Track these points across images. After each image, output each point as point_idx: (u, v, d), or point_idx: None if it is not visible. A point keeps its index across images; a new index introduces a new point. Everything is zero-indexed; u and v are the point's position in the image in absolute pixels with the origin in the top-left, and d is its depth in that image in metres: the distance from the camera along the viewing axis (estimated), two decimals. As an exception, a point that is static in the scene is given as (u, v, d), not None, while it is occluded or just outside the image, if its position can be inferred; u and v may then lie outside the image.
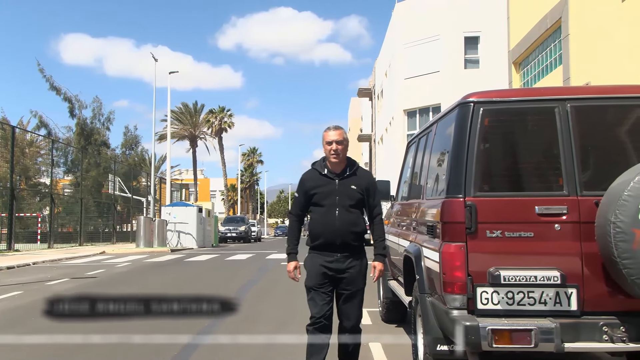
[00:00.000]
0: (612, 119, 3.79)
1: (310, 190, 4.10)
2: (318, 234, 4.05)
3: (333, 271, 4.04)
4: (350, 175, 4.12)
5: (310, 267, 4.11)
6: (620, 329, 3.31)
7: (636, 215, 3.10)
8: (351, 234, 4.02)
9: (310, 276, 4.10)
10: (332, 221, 3.99)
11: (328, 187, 4.06)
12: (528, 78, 13.72)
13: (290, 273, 4.21)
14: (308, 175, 4.20)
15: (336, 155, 4.05)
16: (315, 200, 4.07)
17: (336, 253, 4.02)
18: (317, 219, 4.05)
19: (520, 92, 5.02)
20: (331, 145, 4.06)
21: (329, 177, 4.10)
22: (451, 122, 4.02)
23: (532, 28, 12.57)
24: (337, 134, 4.08)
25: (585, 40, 9.86)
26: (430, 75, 25.93)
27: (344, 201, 4.02)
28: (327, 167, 4.12)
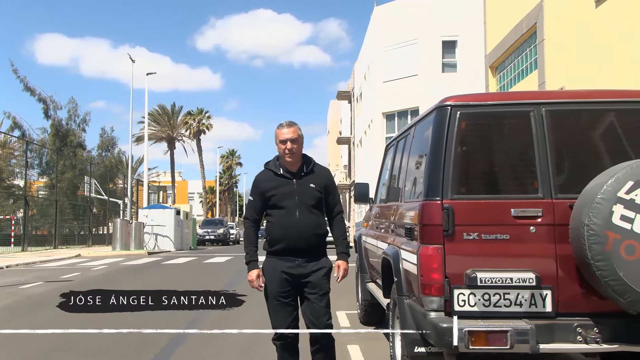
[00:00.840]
0: (585, 123, 3.86)
1: (266, 192, 3.84)
2: (278, 238, 3.78)
3: (295, 277, 3.79)
4: (307, 173, 3.88)
5: (270, 274, 3.84)
6: (594, 330, 3.36)
7: (609, 218, 3.16)
8: (314, 237, 3.80)
9: (270, 284, 3.83)
10: (293, 224, 3.75)
11: (286, 187, 3.81)
12: (504, 82, 13.90)
13: (252, 283, 3.88)
14: (262, 176, 3.93)
15: (291, 154, 3.80)
16: (273, 202, 3.81)
17: (297, 258, 3.78)
18: (277, 222, 3.80)
19: (497, 96, 5.09)
20: (285, 145, 3.79)
21: (285, 177, 3.85)
22: (429, 126, 4.05)
23: (508, 33, 12.75)
24: (291, 132, 3.80)
25: (560, 46, 10.03)
26: (409, 78, 26.12)
27: (304, 201, 3.79)
28: (283, 167, 3.87)
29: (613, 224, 3.15)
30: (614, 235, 3.14)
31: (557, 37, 10.18)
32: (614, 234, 3.14)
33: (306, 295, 3.81)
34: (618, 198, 3.16)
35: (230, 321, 6.87)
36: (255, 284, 3.88)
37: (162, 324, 5.73)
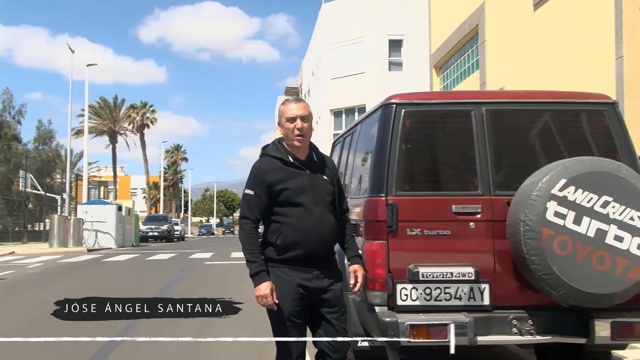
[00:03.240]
0: (523, 122, 3.99)
1: (276, 185, 3.07)
2: (293, 242, 3.04)
3: (313, 292, 3.08)
4: (318, 162, 3.22)
5: (282, 288, 3.05)
6: (528, 322, 3.50)
7: (543, 214, 3.28)
8: (334, 241, 3.19)
9: (283, 301, 3.04)
10: (313, 225, 3.05)
11: (299, 179, 3.09)
12: (448, 81, 14.24)
13: (266, 299, 3.00)
14: (266, 165, 3.14)
15: (302, 135, 3.11)
16: (285, 198, 3.06)
17: (315, 268, 3.08)
18: (292, 222, 3.05)
19: (440, 95, 5.20)
20: (294, 123, 3.10)
21: (297, 166, 3.13)
22: (374, 123, 4.10)
23: (452, 34, 13.06)
24: (301, 107, 3.13)
25: (500, 47, 10.36)
26: (356, 76, 26.35)
27: (322, 197, 3.11)
28: (290, 153, 3.17)
29: (547, 220, 3.28)
30: (548, 231, 3.27)
31: (497, 39, 10.50)
32: (548, 229, 3.27)
33: (324, 315, 3.13)
34: (552, 195, 3.29)
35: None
36: (270, 301, 3.00)
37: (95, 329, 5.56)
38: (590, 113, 3.92)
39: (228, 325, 6.65)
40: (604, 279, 3.24)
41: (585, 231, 3.26)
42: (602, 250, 3.24)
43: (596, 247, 3.25)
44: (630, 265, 3.24)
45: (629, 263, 3.24)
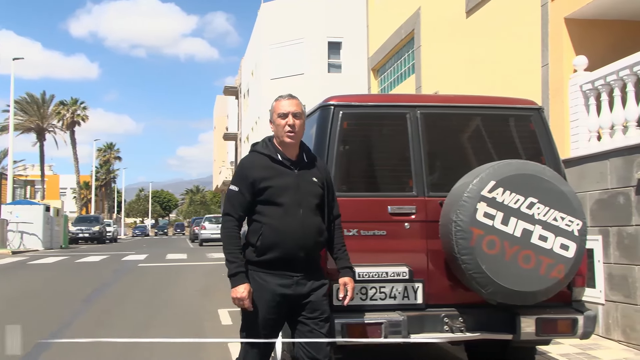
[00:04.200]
0: (455, 126, 4.11)
1: (259, 182, 2.98)
2: (272, 244, 2.93)
3: (291, 299, 2.97)
4: (308, 163, 3.11)
5: (258, 293, 2.95)
6: (459, 320, 3.61)
7: (474, 215, 3.40)
8: (317, 246, 3.05)
9: (258, 308, 2.95)
10: (293, 227, 2.94)
11: (285, 178, 3.00)
12: (385, 84, 14.50)
13: (243, 302, 2.90)
14: (253, 160, 3.07)
15: (293, 133, 3.02)
16: (267, 197, 2.96)
17: (296, 273, 2.97)
18: (271, 223, 2.94)
19: (377, 97, 5.29)
20: (286, 119, 3.02)
21: (285, 164, 3.04)
22: (312, 124, 4.12)
23: (389, 37, 13.30)
24: (294, 104, 3.05)
25: (435, 52, 10.65)
26: (296, 77, 26.37)
27: (307, 199, 3.01)
28: (280, 151, 3.09)
29: (477, 221, 3.39)
30: (478, 231, 3.38)
31: (432, 44, 10.79)
32: (478, 229, 3.38)
33: (302, 320, 3.00)
34: (482, 196, 3.41)
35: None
36: (248, 304, 2.91)
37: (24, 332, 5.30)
38: (517, 118, 4.09)
39: (164, 327, 6.51)
40: (529, 277, 3.39)
41: (513, 231, 3.40)
42: (527, 250, 3.39)
43: (522, 246, 3.39)
44: (554, 264, 3.40)
45: (552, 262, 3.40)
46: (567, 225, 3.43)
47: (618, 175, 5.56)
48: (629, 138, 5.56)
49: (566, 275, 3.43)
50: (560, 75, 6.69)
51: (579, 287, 3.77)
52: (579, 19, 6.66)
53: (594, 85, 6.08)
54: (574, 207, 3.46)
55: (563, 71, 6.64)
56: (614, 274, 5.62)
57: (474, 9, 9.02)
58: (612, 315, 5.62)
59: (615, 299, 5.58)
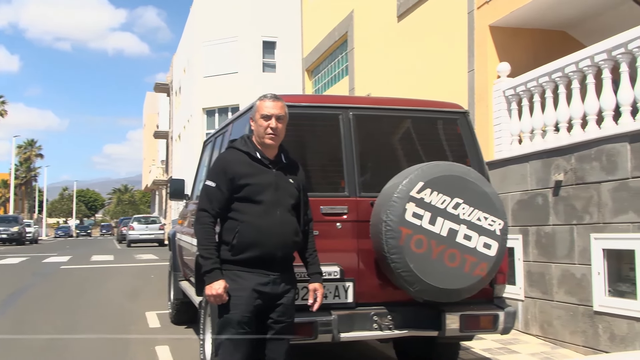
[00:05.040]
0: (387, 128, 4.20)
1: (238, 179, 2.96)
2: (250, 242, 2.92)
3: (267, 298, 2.96)
4: (286, 164, 3.13)
5: (237, 292, 2.92)
6: (388, 318, 3.68)
7: (403, 215, 3.48)
8: (293, 246, 3.07)
9: (235, 306, 2.91)
10: (272, 226, 2.94)
11: (264, 177, 2.99)
12: (319, 85, 14.60)
13: (221, 298, 2.89)
14: (233, 156, 3.06)
15: (275, 135, 3.04)
16: (246, 194, 2.95)
17: (273, 272, 2.97)
18: (250, 221, 2.93)
19: (310, 98, 5.32)
20: (269, 121, 3.03)
21: (264, 163, 3.05)
22: (246, 123, 4.08)
23: (323, 39, 13.41)
24: (278, 107, 3.07)
25: (368, 55, 10.83)
26: (230, 75, 26.06)
27: (285, 199, 3.02)
28: (259, 150, 3.08)
29: (406, 221, 3.48)
30: (407, 230, 3.47)
31: (365, 47, 10.97)
32: (407, 229, 3.47)
33: (270, 324, 3.01)
34: (411, 197, 3.50)
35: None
36: (224, 299, 2.90)
37: None
38: (445, 121, 4.23)
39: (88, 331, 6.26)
40: (454, 275, 3.51)
41: (439, 231, 3.51)
42: (453, 249, 3.51)
43: (448, 245, 3.51)
44: (477, 262, 3.54)
45: (475, 260, 3.54)
46: (489, 225, 3.58)
47: (537, 177, 5.85)
48: (547, 142, 5.87)
49: (488, 273, 3.58)
50: (485, 81, 6.97)
51: (500, 284, 3.94)
52: (503, 27, 6.96)
53: (516, 91, 6.38)
54: (496, 207, 3.62)
55: (488, 77, 6.92)
56: (532, 271, 5.91)
57: (405, 13, 9.24)
58: (531, 311, 5.92)
59: (534, 295, 5.88)
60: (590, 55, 5.34)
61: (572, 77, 5.60)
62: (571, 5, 6.40)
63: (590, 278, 5.13)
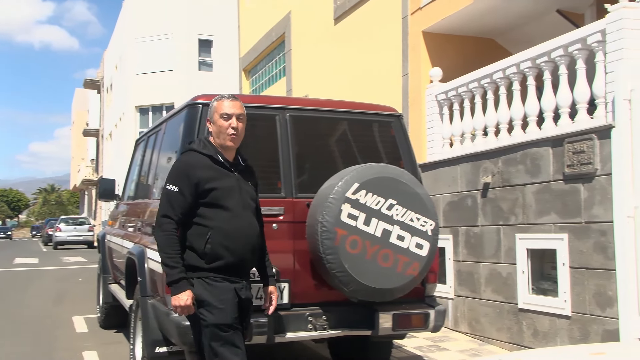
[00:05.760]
0: (323, 129, 4.24)
1: (204, 183, 2.84)
2: (224, 248, 2.82)
3: (244, 303, 2.92)
4: (244, 166, 3.07)
5: (220, 296, 2.81)
6: (322, 318, 3.71)
7: (338, 216, 3.52)
8: (260, 249, 3.05)
9: (224, 310, 2.81)
10: (242, 230, 2.88)
11: (228, 180, 2.90)
12: (257, 85, 14.52)
13: (188, 309, 2.80)
14: (195, 160, 2.91)
15: (236, 135, 2.95)
16: (212, 199, 2.84)
17: (242, 278, 2.92)
18: (220, 227, 2.83)
19: (247, 98, 5.26)
20: (229, 121, 2.92)
21: (225, 166, 2.95)
22: (180, 122, 4.03)
23: (261, 39, 13.35)
24: (237, 106, 2.97)
25: (305, 56, 10.88)
26: (164, 73, 25.48)
27: (248, 202, 2.97)
28: (220, 152, 2.97)
29: (341, 221, 3.52)
30: (342, 231, 3.51)
31: (302, 48, 11.01)
32: (342, 230, 3.51)
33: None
34: (346, 198, 3.54)
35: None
36: (192, 310, 2.81)
37: None
38: (380, 124, 4.31)
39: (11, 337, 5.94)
40: (387, 275, 3.58)
41: (374, 231, 3.57)
42: (387, 249, 3.58)
43: (382, 246, 3.57)
44: (409, 262, 3.63)
45: (408, 260, 3.62)
46: (421, 225, 3.68)
47: (467, 179, 6.07)
48: (476, 145, 6.09)
49: (420, 272, 3.68)
50: (418, 85, 7.16)
51: (431, 283, 4.06)
52: (435, 33, 7.17)
53: (447, 96, 6.59)
54: (428, 208, 3.72)
55: (421, 81, 7.11)
56: (462, 270, 6.12)
57: (342, 16, 9.35)
58: (460, 309, 6.12)
59: (463, 293, 6.09)
60: (516, 63, 5.59)
61: (500, 84, 5.84)
62: (497, 15, 6.67)
63: (515, 277, 5.36)
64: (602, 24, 4.66)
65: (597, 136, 4.58)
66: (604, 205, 4.50)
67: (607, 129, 4.51)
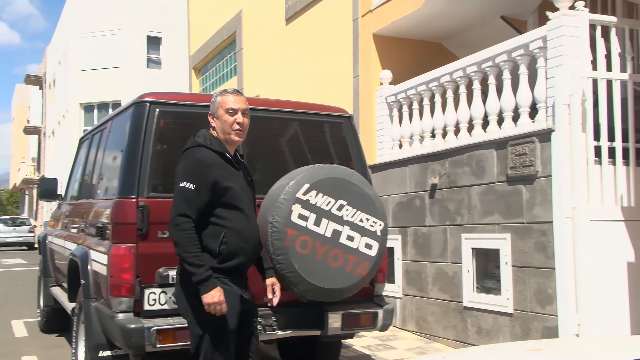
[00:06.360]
0: (274, 129, 4.23)
1: (221, 182, 2.77)
2: (238, 249, 2.79)
3: (246, 304, 2.89)
4: (244, 163, 3.05)
5: (228, 299, 2.76)
6: (272, 319, 3.70)
7: (289, 216, 3.52)
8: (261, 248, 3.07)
9: (229, 314, 2.77)
10: (252, 231, 2.86)
11: (238, 179, 2.85)
12: (208, 84, 14.34)
13: (221, 305, 2.71)
14: (209, 156, 2.81)
15: (241, 131, 2.88)
16: (228, 199, 2.77)
17: (244, 279, 2.93)
18: (236, 227, 2.78)
19: (196, 97, 5.21)
20: (236, 115, 2.85)
21: (233, 164, 2.90)
22: (126, 121, 3.94)
23: (211, 37, 13.19)
24: (243, 101, 2.90)
25: (257, 56, 10.82)
26: (111, 70, 24.83)
27: (251, 201, 2.95)
28: (226, 149, 2.90)
29: (292, 222, 3.52)
30: (292, 231, 3.51)
31: (254, 48, 10.95)
32: (292, 230, 3.51)
33: (249, 329, 2.98)
34: (297, 198, 3.55)
35: None
36: (225, 308, 2.72)
37: None
38: (331, 124, 4.35)
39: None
40: (337, 275, 3.61)
41: (324, 232, 3.59)
42: (336, 249, 3.61)
43: (332, 246, 3.60)
44: (359, 262, 3.66)
45: (357, 260, 3.66)
46: (371, 225, 3.72)
47: (416, 180, 6.19)
48: (424, 147, 6.22)
49: (369, 272, 3.72)
50: (369, 87, 7.25)
51: (380, 283, 4.12)
52: (385, 35, 7.27)
53: (397, 98, 6.70)
54: (377, 209, 3.77)
55: (371, 83, 7.20)
56: (410, 270, 6.24)
57: (293, 17, 9.36)
58: (408, 308, 6.24)
59: (411, 293, 6.20)
60: (463, 67, 5.74)
61: (447, 87, 5.98)
62: (445, 19, 6.84)
63: (460, 276, 5.50)
64: (544, 31, 4.85)
65: (538, 139, 4.75)
66: (544, 206, 4.67)
67: (547, 132, 4.69)
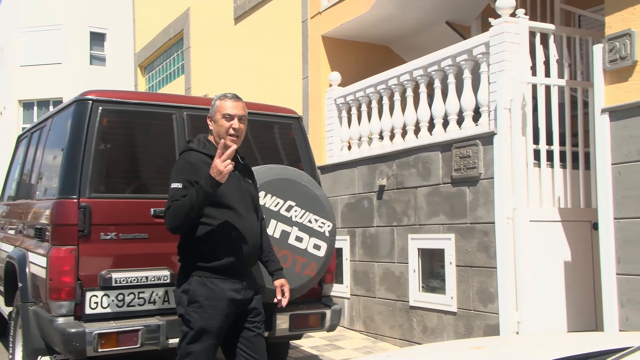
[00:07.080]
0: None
1: None
2: (228, 248, 2.79)
3: (241, 304, 2.85)
4: (243, 165, 3.04)
5: (212, 302, 2.75)
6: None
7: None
8: (261, 248, 3.03)
9: (212, 317, 2.75)
10: (247, 229, 2.86)
11: (230, 180, 2.80)
12: (154, 82, 14.04)
13: (229, 165, 2.65)
14: (196, 158, 2.85)
15: (237, 137, 2.89)
16: (216, 199, 2.77)
17: (243, 279, 2.86)
18: (225, 227, 2.80)
19: (142, 95, 5.10)
20: (231, 122, 2.87)
21: None
22: (68, 119, 3.83)
23: (158, 35, 12.94)
24: (240, 107, 2.91)
25: (205, 55, 10.69)
26: (52, 66, 23.96)
27: (249, 201, 2.95)
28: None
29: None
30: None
31: (202, 46, 10.81)
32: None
33: (247, 326, 2.90)
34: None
35: None
36: (231, 167, 2.67)
37: None
38: (280, 125, 4.34)
39: None
40: (286, 276, 3.60)
41: (272, 232, 3.58)
42: (285, 250, 3.61)
43: (281, 247, 3.59)
44: (307, 262, 3.68)
45: (305, 261, 3.67)
46: (319, 226, 3.74)
47: (364, 181, 6.25)
48: (372, 149, 6.30)
49: (317, 272, 3.74)
50: (318, 89, 7.28)
51: (328, 283, 4.15)
52: (335, 38, 7.32)
53: (346, 100, 6.75)
54: (326, 210, 3.79)
55: (321, 85, 7.23)
56: (358, 270, 6.30)
57: (242, 17, 9.29)
58: (356, 307, 6.30)
59: (359, 293, 6.26)
60: (409, 71, 5.84)
61: (395, 90, 6.08)
62: (392, 23, 6.95)
63: (407, 275, 5.60)
64: (486, 37, 5.00)
65: (481, 142, 4.90)
66: (487, 207, 4.82)
67: (489, 135, 4.83)
